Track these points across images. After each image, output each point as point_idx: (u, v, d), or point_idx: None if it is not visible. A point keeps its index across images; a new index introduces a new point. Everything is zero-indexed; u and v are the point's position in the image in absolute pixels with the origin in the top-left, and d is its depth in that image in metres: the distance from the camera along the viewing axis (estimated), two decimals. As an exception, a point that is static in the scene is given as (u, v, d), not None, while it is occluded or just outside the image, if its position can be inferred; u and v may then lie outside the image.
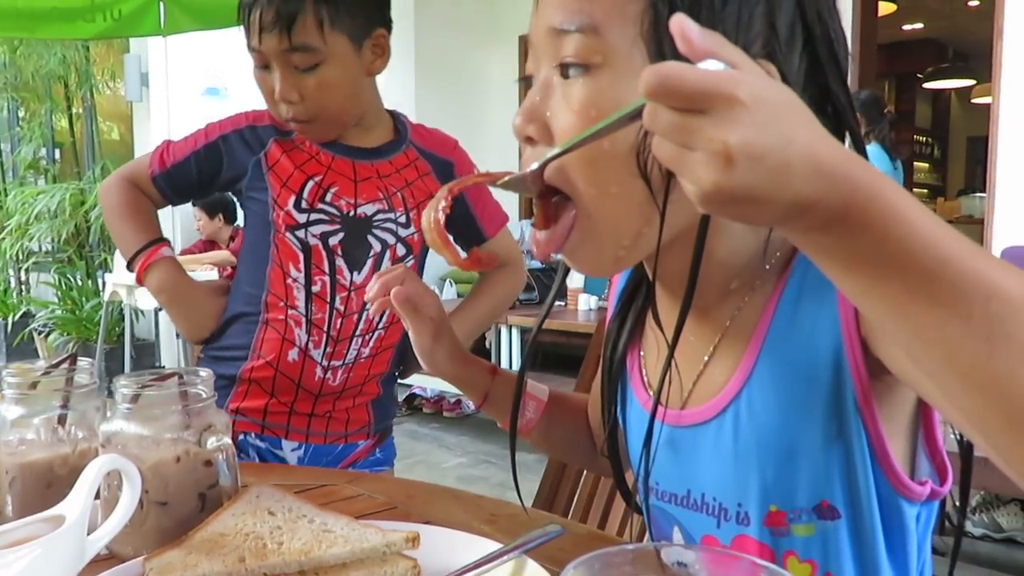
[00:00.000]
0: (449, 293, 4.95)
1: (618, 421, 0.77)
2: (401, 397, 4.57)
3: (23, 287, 6.19)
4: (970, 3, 7.56)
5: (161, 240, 1.27)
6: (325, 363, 1.23)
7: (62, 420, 0.78)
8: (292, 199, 1.21)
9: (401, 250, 1.26)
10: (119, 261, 5.02)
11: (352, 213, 1.22)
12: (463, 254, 0.74)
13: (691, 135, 0.39)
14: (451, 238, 0.65)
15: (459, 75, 6.12)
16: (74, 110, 6.11)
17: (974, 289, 0.38)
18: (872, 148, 4.22)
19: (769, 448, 0.62)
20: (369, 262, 1.24)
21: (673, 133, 0.39)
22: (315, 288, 1.22)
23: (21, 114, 6.46)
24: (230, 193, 1.34)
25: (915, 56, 8.97)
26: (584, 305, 4.36)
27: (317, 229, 1.21)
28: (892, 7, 6.31)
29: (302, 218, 1.21)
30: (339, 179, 1.23)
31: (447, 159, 1.32)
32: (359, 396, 1.29)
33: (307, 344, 1.22)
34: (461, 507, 0.85)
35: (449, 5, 5.92)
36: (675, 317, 0.60)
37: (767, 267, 0.63)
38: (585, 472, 1.24)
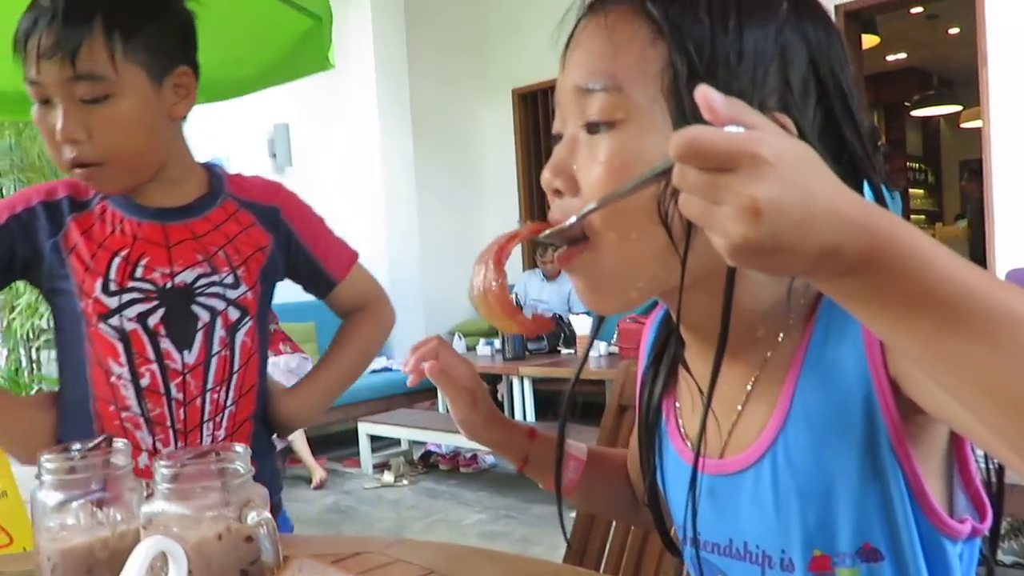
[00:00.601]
0: (458, 347, 4.95)
1: (656, 471, 0.78)
2: (416, 455, 4.54)
3: (34, 365, 6.20)
4: (950, 31, 7.71)
5: None
6: None
7: (100, 503, 0.79)
8: (99, 283, 1.06)
9: (234, 314, 1.12)
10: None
11: (169, 285, 1.08)
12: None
13: (719, 192, 0.41)
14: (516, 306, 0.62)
15: (454, 129, 6.23)
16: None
17: (998, 318, 0.40)
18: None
19: (809, 492, 0.63)
20: (199, 336, 1.10)
21: (702, 190, 0.42)
22: (144, 381, 1.08)
23: (26, 195, 6.55)
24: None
25: (901, 85, 9.12)
26: (594, 351, 4.36)
27: (132, 311, 1.07)
28: (875, 39, 6.44)
29: (113, 302, 1.06)
30: (149, 248, 1.09)
31: (271, 205, 1.19)
32: None
33: (154, 445, 1.08)
34: (499, 568, 0.85)
35: (442, 60, 6.06)
36: (704, 365, 0.62)
37: (792, 314, 0.65)
38: (614, 523, 1.24)
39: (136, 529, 0.75)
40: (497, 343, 4.64)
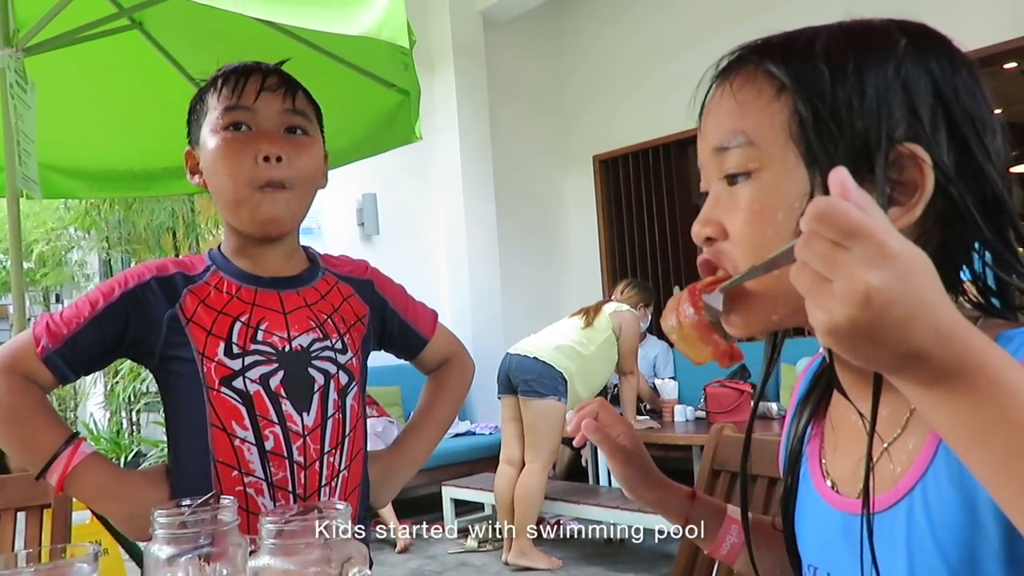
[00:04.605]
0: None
1: (793, 497, 0.78)
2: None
3: (134, 428, 6.46)
4: (1046, 85, 7.43)
5: (76, 435, 1.07)
6: None
7: (208, 558, 0.82)
8: (221, 346, 1.09)
9: (344, 378, 1.16)
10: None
11: (288, 348, 1.12)
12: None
13: (836, 268, 0.43)
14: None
15: (536, 195, 6.33)
16: (180, 257, 6.54)
17: None
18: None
19: (945, 551, 0.59)
20: (315, 399, 1.13)
21: (820, 260, 0.44)
22: (268, 444, 1.09)
23: (133, 264, 6.96)
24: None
25: (996, 141, 8.82)
26: (680, 416, 4.27)
27: (255, 372, 1.10)
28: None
29: (236, 364, 1.09)
30: (267, 314, 1.13)
31: (366, 278, 1.27)
32: None
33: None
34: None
35: (524, 129, 6.21)
36: (860, 400, 0.64)
37: None
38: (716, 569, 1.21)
39: (241, 583, 0.78)
40: (581, 407, 4.59)
